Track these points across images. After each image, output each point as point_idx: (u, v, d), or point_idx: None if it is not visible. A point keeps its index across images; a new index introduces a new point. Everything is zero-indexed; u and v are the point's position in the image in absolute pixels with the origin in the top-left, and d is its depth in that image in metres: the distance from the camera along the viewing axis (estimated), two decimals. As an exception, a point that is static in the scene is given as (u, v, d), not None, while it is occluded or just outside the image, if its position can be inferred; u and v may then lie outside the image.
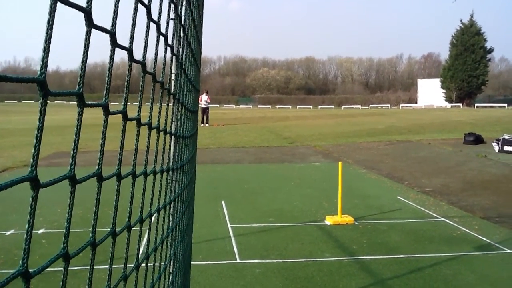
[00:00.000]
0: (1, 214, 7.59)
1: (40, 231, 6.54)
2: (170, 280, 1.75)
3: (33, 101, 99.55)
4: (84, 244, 0.82)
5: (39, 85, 0.62)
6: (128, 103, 0.93)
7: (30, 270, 0.66)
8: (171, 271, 1.94)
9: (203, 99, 27.50)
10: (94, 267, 0.90)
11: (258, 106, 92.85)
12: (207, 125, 27.25)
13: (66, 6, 0.67)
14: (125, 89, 0.88)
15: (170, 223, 1.73)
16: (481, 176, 11.13)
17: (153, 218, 1.39)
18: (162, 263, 1.60)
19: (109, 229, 0.94)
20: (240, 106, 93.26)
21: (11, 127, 26.89)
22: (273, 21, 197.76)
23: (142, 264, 1.27)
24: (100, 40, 0.73)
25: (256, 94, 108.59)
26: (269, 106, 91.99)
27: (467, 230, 6.80)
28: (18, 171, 11.88)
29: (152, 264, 1.39)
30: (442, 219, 7.44)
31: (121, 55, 0.90)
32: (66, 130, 23.00)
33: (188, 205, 2.47)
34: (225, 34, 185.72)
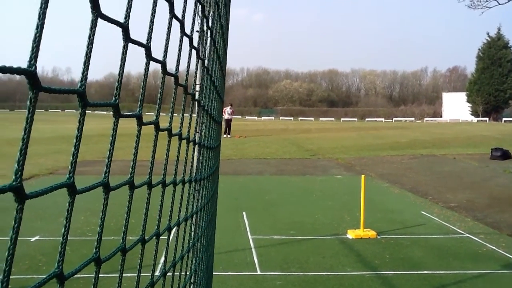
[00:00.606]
0: (26, 220, 7.74)
1: (64, 238, 6.66)
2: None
3: (59, 110, 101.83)
4: (115, 250, 0.84)
5: (79, 96, 0.65)
6: (151, 113, 0.95)
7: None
8: (192, 281, 1.95)
9: (227, 111, 27.74)
10: (111, 275, 0.92)
11: (280, 118, 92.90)
12: (229, 136, 27.52)
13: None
14: (158, 100, 0.91)
15: (197, 232, 1.74)
16: (508, 192, 10.86)
17: (180, 227, 1.42)
18: (187, 273, 1.61)
19: (130, 238, 0.95)
20: (262, 117, 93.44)
21: (37, 135, 27.50)
22: (296, 33, 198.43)
23: (160, 276, 1.29)
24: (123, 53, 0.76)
25: (278, 106, 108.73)
26: (291, 118, 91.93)
27: (493, 248, 6.63)
28: (44, 179, 12.14)
29: (178, 273, 1.41)
30: (468, 235, 7.28)
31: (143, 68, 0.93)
32: (91, 139, 23.42)
33: (212, 215, 2.49)
34: (248, 45, 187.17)
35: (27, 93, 0.57)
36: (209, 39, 1.51)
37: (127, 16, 0.74)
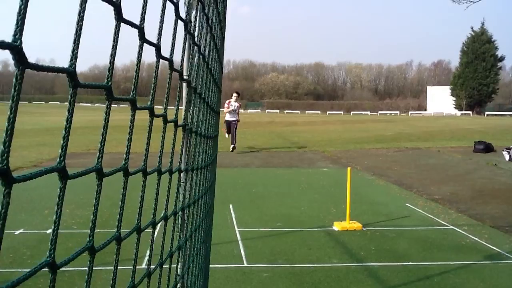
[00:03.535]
0: (10, 213, 7.60)
1: (48, 231, 6.57)
2: (192, 280, 1.75)
3: (43, 103, 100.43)
4: (110, 238, 0.82)
5: (69, 76, 0.62)
6: (142, 104, 0.91)
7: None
8: (190, 271, 1.93)
9: (232, 104, 17.61)
10: (103, 268, 0.90)
11: (267, 110, 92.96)
12: (233, 148, 16.90)
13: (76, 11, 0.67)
14: (153, 85, 0.88)
15: (195, 222, 1.72)
16: (491, 184, 11.03)
17: (177, 217, 1.39)
18: (185, 264, 1.59)
19: (124, 231, 0.92)
20: (249, 110, 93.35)
21: (21, 127, 27.09)
22: (283, 26, 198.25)
23: (156, 267, 1.26)
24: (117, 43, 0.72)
25: (264, 99, 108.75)
26: (278, 111, 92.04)
27: (476, 239, 6.73)
28: (28, 171, 11.93)
29: (175, 265, 1.39)
30: (451, 227, 7.37)
31: (130, 57, 0.88)
32: (76, 131, 23.13)
33: (210, 206, 2.47)
34: (234, 38, 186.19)
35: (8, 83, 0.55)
36: (205, 25, 1.48)
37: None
